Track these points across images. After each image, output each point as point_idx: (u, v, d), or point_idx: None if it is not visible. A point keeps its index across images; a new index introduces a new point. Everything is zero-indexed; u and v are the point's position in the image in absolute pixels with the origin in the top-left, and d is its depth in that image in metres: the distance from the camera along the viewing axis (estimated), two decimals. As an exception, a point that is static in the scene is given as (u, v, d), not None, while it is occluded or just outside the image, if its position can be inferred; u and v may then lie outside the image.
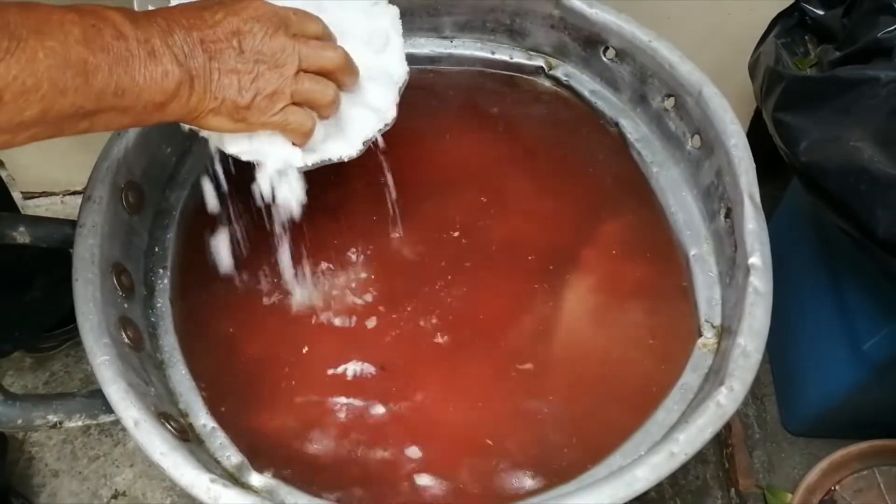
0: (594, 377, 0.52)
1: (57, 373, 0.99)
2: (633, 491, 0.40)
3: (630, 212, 0.60)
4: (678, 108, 0.59)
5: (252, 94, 0.43)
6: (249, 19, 0.42)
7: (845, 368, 0.77)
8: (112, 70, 0.38)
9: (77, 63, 0.37)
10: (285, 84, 0.43)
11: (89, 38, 0.37)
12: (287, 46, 0.43)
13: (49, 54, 0.35)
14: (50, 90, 0.36)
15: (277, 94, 0.43)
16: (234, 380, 0.52)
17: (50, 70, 0.36)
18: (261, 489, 0.46)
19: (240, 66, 0.42)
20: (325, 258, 0.57)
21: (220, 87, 0.42)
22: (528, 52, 0.67)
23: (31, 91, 0.35)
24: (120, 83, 0.38)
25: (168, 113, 0.41)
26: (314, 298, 0.55)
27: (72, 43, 0.36)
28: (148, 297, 0.54)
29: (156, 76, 0.39)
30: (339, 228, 0.58)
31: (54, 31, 0.36)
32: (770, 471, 0.90)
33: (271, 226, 0.52)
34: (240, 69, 0.42)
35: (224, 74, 0.42)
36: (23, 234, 0.51)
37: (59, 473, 0.92)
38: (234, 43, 0.42)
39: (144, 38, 0.39)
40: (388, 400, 0.51)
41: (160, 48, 0.40)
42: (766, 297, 0.47)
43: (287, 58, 0.43)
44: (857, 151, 0.58)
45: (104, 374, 0.44)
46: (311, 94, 0.44)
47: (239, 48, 0.42)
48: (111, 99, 0.38)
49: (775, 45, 0.71)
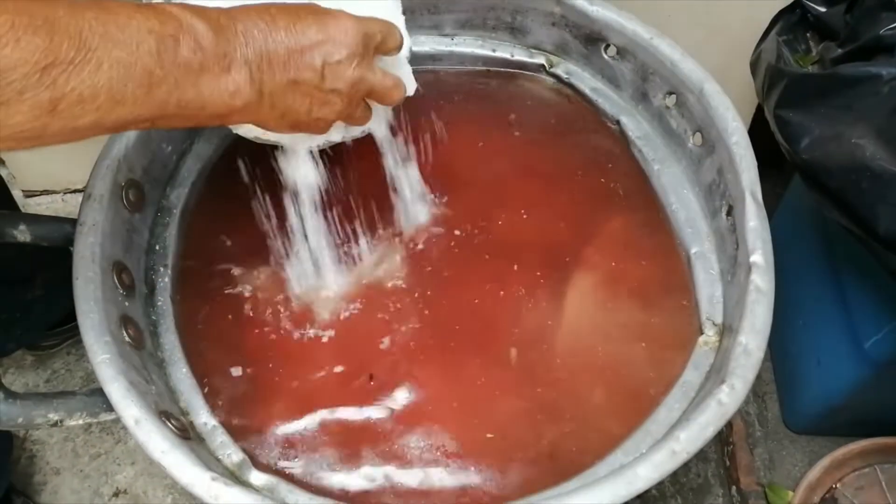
0: (595, 375, 0.52)
1: (58, 371, 0.99)
2: (634, 489, 0.40)
3: (631, 209, 0.59)
4: (679, 105, 0.59)
5: (315, 118, 0.43)
6: (340, 44, 0.42)
7: (847, 366, 0.77)
8: (179, 83, 0.37)
9: (142, 75, 0.35)
10: (347, 111, 0.44)
11: (163, 49, 0.36)
12: (364, 79, 0.44)
13: (114, 65, 0.34)
14: (107, 101, 0.34)
15: (336, 119, 0.44)
16: (234, 378, 0.52)
17: (111, 81, 0.34)
18: (261, 487, 0.46)
19: (315, 93, 0.42)
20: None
21: (289, 108, 0.42)
22: (530, 50, 0.67)
23: (87, 101, 0.34)
24: (184, 96, 0.37)
25: (229, 121, 0.41)
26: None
27: (142, 54, 0.35)
28: (149, 295, 0.54)
29: (224, 92, 0.38)
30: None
31: (127, 40, 0.35)
32: (771, 468, 0.90)
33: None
34: (314, 95, 0.42)
35: (298, 97, 0.42)
36: (23, 232, 0.51)
37: (61, 471, 0.92)
38: (318, 69, 0.41)
39: (224, 51, 0.38)
40: (389, 398, 0.51)
41: (238, 63, 0.39)
42: (767, 294, 0.47)
43: (359, 91, 0.44)
44: (858, 149, 0.58)
45: (105, 373, 0.44)
46: (359, 118, 0.46)
47: (321, 76, 0.42)
48: (173, 108, 0.37)
49: (777, 42, 0.70)
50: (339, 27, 0.42)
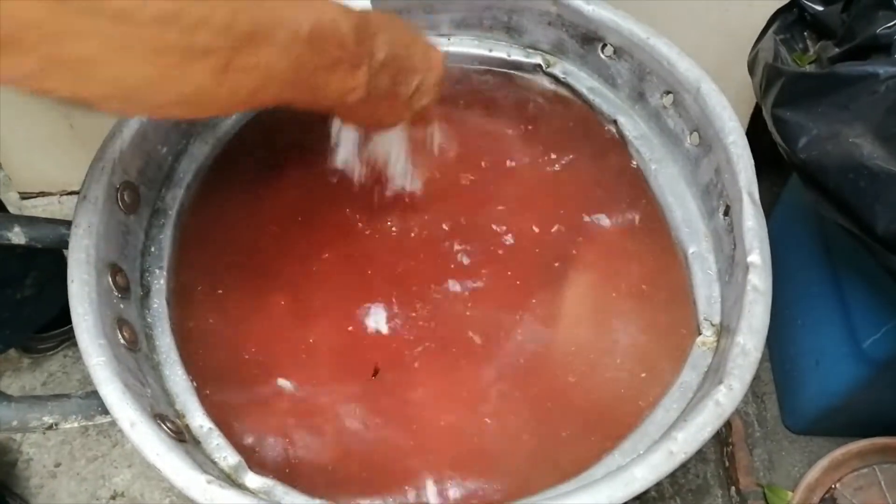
0: (592, 376, 0.52)
1: (55, 373, 0.98)
2: (631, 490, 0.40)
3: (628, 210, 0.59)
4: (677, 105, 0.59)
5: (387, 121, 0.50)
6: (435, 73, 0.48)
7: (845, 366, 0.77)
8: (317, 71, 0.40)
9: (296, 57, 0.38)
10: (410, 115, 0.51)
11: (314, 36, 0.38)
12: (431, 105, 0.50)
13: (273, 47, 0.37)
14: (265, 74, 0.37)
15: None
16: (230, 380, 0.52)
17: (270, 59, 0.37)
18: (257, 490, 0.46)
19: (401, 103, 0.48)
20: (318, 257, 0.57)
21: (374, 111, 0.47)
22: (526, 50, 0.67)
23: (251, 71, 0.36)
24: (317, 81, 0.40)
25: (329, 108, 0.46)
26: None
27: (299, 39, 0.38)
28: (144, 297, 0.54)
29: (345, 87, 0.42)
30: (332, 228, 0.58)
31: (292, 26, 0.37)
32: (770, 469, 0.90)
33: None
34: (398, 105, 0.48)
35: (387, 105, 0.47)
36: (18, 234, 0.51)
37: (58, 474, 0.92)
38: (413, 88, 0.47)
39: (358, 51, 0.42)
40: (385, 400, 0.51)
41: (364, 66, 0.42)
42: (765, 294, 0.47)
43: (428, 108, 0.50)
44: (856, 148, 0.58)
45: (100, 375, 0.44)
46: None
47: (412, 94, 0.47)
48: (305, 91, 0.40)
49: (774, 41, 0.70)
50: (439, 59, 0.49)
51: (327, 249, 0.57)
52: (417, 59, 0.47)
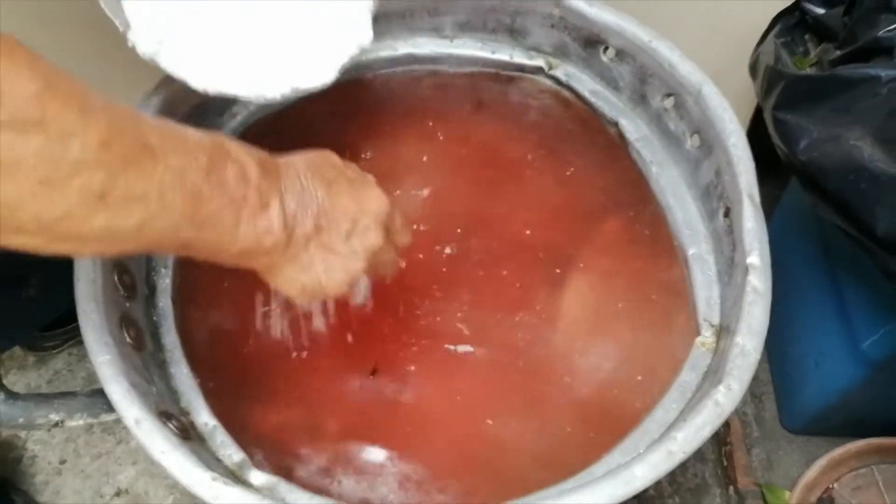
0: (592, 375, 0.52)
1: (60, 371, 0.99)
2: (631, 489, 0.41)
3: (629, 211, 0.60)
4: (678, 107, 0.59)
5: (332, 276, 0.43)
6: (369, 213, 0.43)
7: (844, 367, 0.77)
8: (221, 209, 0.36)
9: (192, 189, 0.35)
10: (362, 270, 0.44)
11: (212, 170, 0.36)
12: (383, 247, 0.44)
13: (167, 171, 0.34)
14: (156, 206, 0.33)
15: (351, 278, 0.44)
16: (235, 378, 0.52)
17: (163, 187, 0.34)
18: (262, 487, 0.46)
19: (338, 249, 0.42)
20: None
21: (309, 263, 0.42)
22: (529, 52, 0.67)
23: (135, 201, 0.33)
24: (220, 224, 0.37)
25: (252, 262, 0.41)
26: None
27: (194, 168, 0.35)
28: (150, 296, 0.54)
29: (258, 230, 0.38)
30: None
31: (187, 151, 0.35)
32: (768, 469, 0.90)
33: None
34: (336, 251, 0.42)
35: (321, 253, 0.42)
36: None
37: (62, 471, 0.92)
38: (346, 228, 0.42)
39: (265, 188, 0.38)
40: (388, 398, 0.51)
41: (276, 203, 0.39)
42: (764, 296, 0.47)
43: (373, 254, 0.44)
44: (856, 150, 0.58)
45: (105, 374, 0.44)
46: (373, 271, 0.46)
47: (347, 235, 0.43)
48: (208, 235, 0.37)
49: (775, 44, 0.71)
50: (371, 197, 0.44)
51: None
52: (344, 200, 0.42)
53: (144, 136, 0.33)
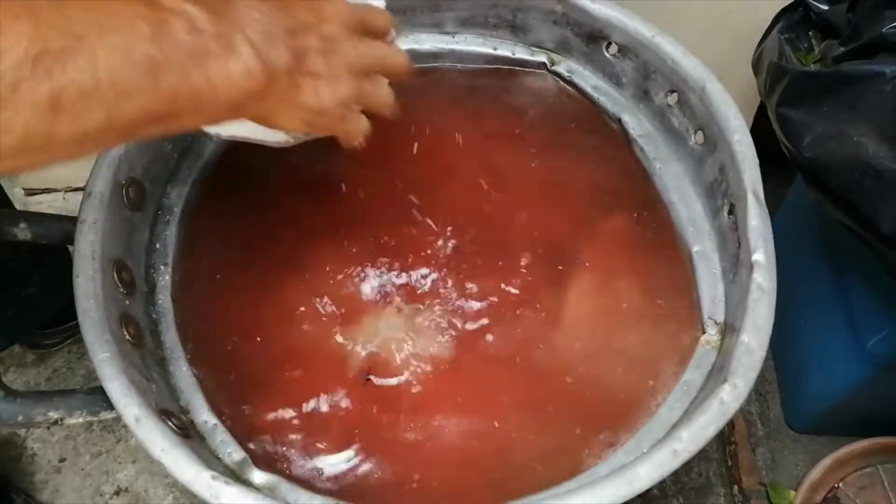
0: (596, 374, 0.52)
1: (59, 369, 0.99)
2: (635, 489, 0.40)
3: (633, 208, 0.59)
4: (681, 103, 0.59)
5: (330, 101, 0.41)
6: (335, 21, 0.41)
7: (849, 366, 0.77)
8: (184, 69, 0.35)
9: (144, 62, 0.33)
10: (357, 92, 0.42)
11: (158, 33, 0.34)
12: (365, 53, 0.42)
13: (111, 52, 0.32)
14: (112, 93, 0.32)
15: (350, 101, 0.42)
16: (235, 376, 0.52)
17: (111, 70, 0.32)
18: (262, 486, 0.46)
19: (322, 71, 0.41)
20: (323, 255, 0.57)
21: (301, 92, 0.40)
22: (531, 48, 0.66)
23: (90, 94, 0.32)
24: (193, 82, 0.35)
25: (245, 111, 0.39)
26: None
27: (138, 38, 0.33)
28: (149, 293, 0.54)
29: (235, 74, 0.36)
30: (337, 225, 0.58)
31: (119, 26, 0.33)
32: (773, 468, 0.90)
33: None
34: (323, 74, 0.41)
35: (306, 77, 0.40)
36: (24, 230, 0.51)
37: (62, 469, 0.92)
38: (319, 47, 0.40)
39: (222, 31, 0.36)
40: (389, 397, 0.51)
41: (240, 42, 0.37)
42: (769, 293, 0.47)
43: (361, 65, 0.42)
44: (861, 147, 0.58)
45: (105, 371, 0.44)
46: (376, 98, 0.44)
47: (325, 52, 0.40)
48: (184, 99, 0.35)
49: (779, 40, 0.70)
50: (333, 7, 0.42)
51: (333, 247, 0.57)
52: (304, 15, 0.40)
53: (73, 29, 0.31)
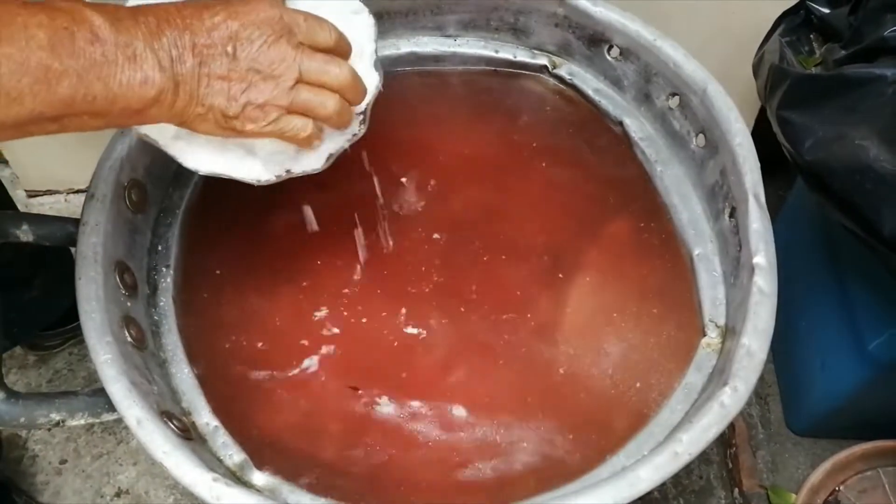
0: (598, 377, 0.52)
1: (60, 371, 0.99)
2: (636, 491, 0.40)
3: (634, 211, 0.59)
4: (683, 106, 0.59)
5: (242, 104, 0.41)
6: (250, 24, 0.40)
7: (850, 368, 0.77)
8: (82, 77, 0.36)
9: (37, 70, 0.34)
10: (280, 95, 0.41)
11: (57, 42, 0.35)
12: (287, 56, 0.41)
13: (4, 61, 0.33)
14: (3, 99, 0.34)
15: (269, 105, 0.41)
16: (236, 378, 0.52)
17: (2, 78, 0.33)
18: (263, 488, 0.46)
19: (231, 74, 0.40)
20: (324, 258, 0.57)
21: (207, 95, 0.40)
22: (532, 51, 0.67)
23: None
24: (91, 90, 0.36)
25: (149, 117, 0.40)
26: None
27: (34, 48, 0.34)
28: (151, 295, 0.54)
29: (133, 83, 0.37)
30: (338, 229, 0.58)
31: (15, 36, 0.34)
32: (774, 471, 0.90)
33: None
34: (231, 76, 0.40)
35: (213, 80, 0.40)
36: (26, 232, 0.51)
37: (63, 471, 0.92)
38: (229, 49, 0.40)
39: (125, 41, 0.37)
40: (390, 398, 0.51)
41: (143, 52, 0.37)
42: (770, 296, 0.47)
43: (285, 69, 0.41)
44: (862, 150, 0.58)
45: (107, 373, 0.44)
46: (309, 103, 0.42)
47: (233, 55, 0.40)
48: (81, 105, 0.36)
49: (780, 43, 0.70)
50: (251, 10, 0.40)
51: (335, 248, 0.57)
52: (219, 19, 0.39)
53: None
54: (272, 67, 0.41)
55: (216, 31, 0.40)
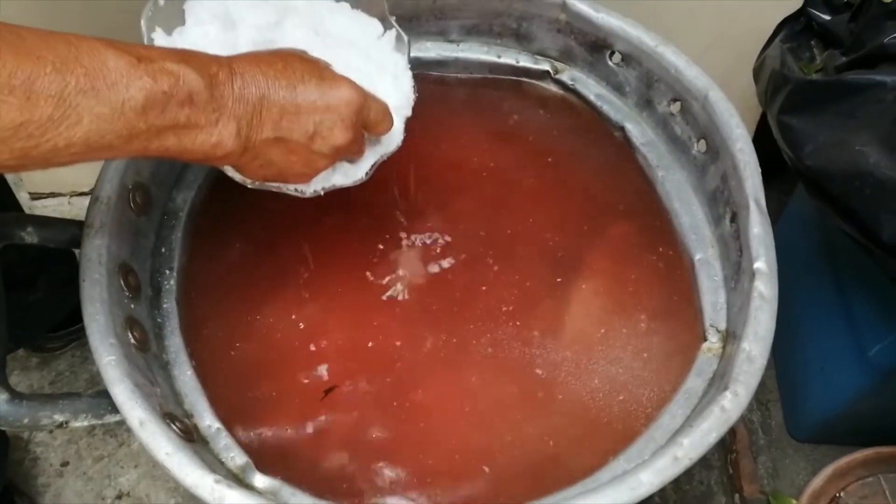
0: (598, 381, 0.52)
1: (62, 373, 0.99)
2: (636, 495, 0.40)
3: (635, 216, 0.60)
4: (684, 112, 0.59)
5: (296, 170, 0.44)
6: (334, 112, 0.42)
7: (850, 374, 0.77)
8: (160, 133, 0.37)
9: (122, 128, 0.35)
10: (328, 167, 0.45)
11: (151, 107, 0.35)
12: (348, 142, 0.44)
13: (95, 120, 0.34)
14: (82, 149, 0.34)
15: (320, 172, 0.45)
16: (239, 381, 0.52)
17: (88, 134, 0.34)
18: (265, 490, 0.46)
19: (300, 150, 0.42)
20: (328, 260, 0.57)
21: (270, 161, 0.42)
22: (535, 57, 0.67)
23: (61, 150, 0.34)
24: (164, 143, 0.37)
25: (208, 164, 0.41)
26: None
27: (126, 110, 0.35)
28: (154, 297, 0.54)
29: (206, 144, 0.38)
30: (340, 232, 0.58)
31: (113, 98, 0.34)
32: (774, 477, 0.90)
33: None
34: (298, 152, 0.42)
35: (282, 153, 0.42)
36: (31, 234, 0.52)
37: (64, 473, 0.92)
38: (309, 132, 0.42)
39: (215, 107, 0.38)
40: (392, 402, 0.51)
41: (226, 119, 0.38)
42: (771, 301, 0.47)
43: (343, 151, 0.44)
44: (862, 156, 0.58)
45: (110, 375, 0.44)
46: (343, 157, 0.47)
47: (310, 138, 0.42)
48: (152, 153, 0.37)
49: (781, 49, 0.71)
50: (340, 96, 0.42)
51: (337, 250, 0.57)
52: (311, 99, 0.41)
53: (66, 98, 0.33)
54: (335, 149, 0.44)
55: (303, 116, 0.41)
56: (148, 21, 0.47)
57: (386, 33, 0.52)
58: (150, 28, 0.47)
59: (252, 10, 0.48)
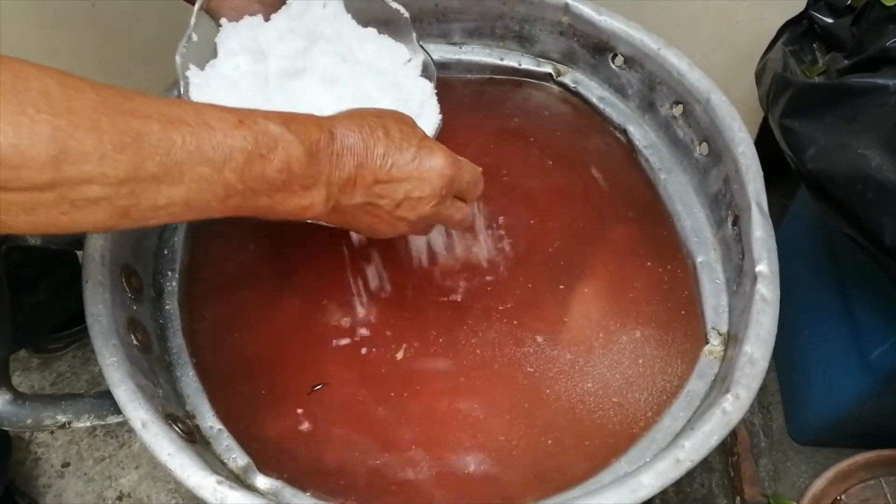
0: (600, 384, 0.52)
1: (64, 373, 0.99)
2: (637, 497, 0.40)
3: (637, 218, 0.60)
4: (686, 115, 0.59)
5: (379, 231, 0.44)
6: (427, 184, 0.42)
7: (852, 377, 0.77)
8: (255, 193, 0.36)
9: (220, 189, 0.35)
10: (409, 233, 0.45)
11: (248, 168, 0.35)
12: (438, 214, 0.44)
13: (196, 180, 0.34)
14: (181, 208, 0.34)
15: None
16: (241, 382, 0.52)
17: (188, 193, 0.34)
18: (266, 491, 0.46)
19: (385, 216, 0.42)
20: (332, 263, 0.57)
21: (355, 219, 0.42)
22: (537, 59, 0.67)
23: (161, 209, 0.34)
24: (257, 204, 0.37)
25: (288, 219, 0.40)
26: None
27: (226, 171, 0.34)
28: (156, 299, 0.54)
29: (297, 207, 0.38)
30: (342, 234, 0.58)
31: (216, 158, 0.34)
32: (775, 479, 0.90)
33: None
34: (383, 218, 0.42)
35: (367, 216, 0.42)
36: (34, 236, 0.52)
37: (65, 474, 0.92)
38: (398, 200, 0.42)
39: (312, 172, 0.37)
40: (393, 404, 0.51)
41: (320, 186, 0.38)
42: (773, 304, 0.47)
43: (427, 219, 0.44)
44: (864, 159, 0.58)
45: (113, 376, 0.44)
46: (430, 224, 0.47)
47: (397, 205, 0.42)
48: (244, 212, 0.37)
49: (783, 52, 0.71)
50: (434, 167, 0.42)
51: (339, 252, 0.57)
52: (405, 168, 0.41)
53: (172, 156, 0.33)
54: (419, 221, 0.44)
55: (395, 184, 0.41)
56: (182, 58, 0.47)
57: (413, 58, 0.52)
58: (184, 66, 0.47)
59: (281, 39, 0.49)
